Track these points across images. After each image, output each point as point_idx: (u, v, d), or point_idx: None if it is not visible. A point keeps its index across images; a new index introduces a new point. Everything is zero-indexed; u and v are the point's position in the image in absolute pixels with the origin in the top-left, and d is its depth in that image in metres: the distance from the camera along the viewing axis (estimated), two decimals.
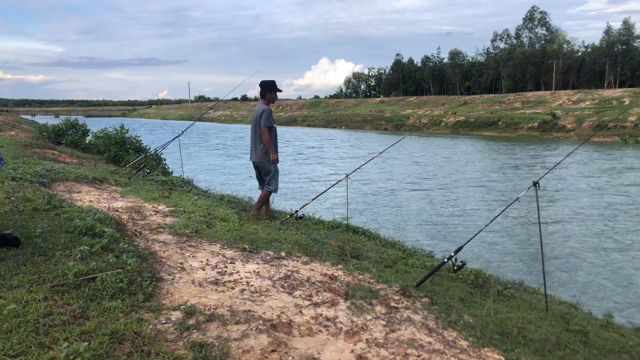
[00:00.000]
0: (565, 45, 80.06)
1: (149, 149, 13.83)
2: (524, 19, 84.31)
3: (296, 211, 6.59)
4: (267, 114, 6.13)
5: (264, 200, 6.52)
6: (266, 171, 6.36)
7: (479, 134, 54.36)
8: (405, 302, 3.70)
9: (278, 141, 6.43)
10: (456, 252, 4.33)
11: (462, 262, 4.31)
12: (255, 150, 6.33)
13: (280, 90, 6.40)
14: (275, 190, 6.42)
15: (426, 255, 6.67)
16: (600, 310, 6.58)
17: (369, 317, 3.23)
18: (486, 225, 4.73)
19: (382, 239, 7.24)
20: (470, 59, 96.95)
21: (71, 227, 4.00)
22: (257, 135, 6.23)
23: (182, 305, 2.91)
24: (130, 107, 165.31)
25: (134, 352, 2.26)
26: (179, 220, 5.22)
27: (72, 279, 2.91)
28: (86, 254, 3.35)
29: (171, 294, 3.10)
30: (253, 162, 6.44)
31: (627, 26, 72.81)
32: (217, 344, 2.50)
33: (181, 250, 4.12)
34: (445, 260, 4.43)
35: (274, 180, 6.38)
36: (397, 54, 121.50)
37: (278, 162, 6.31)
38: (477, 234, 4.77)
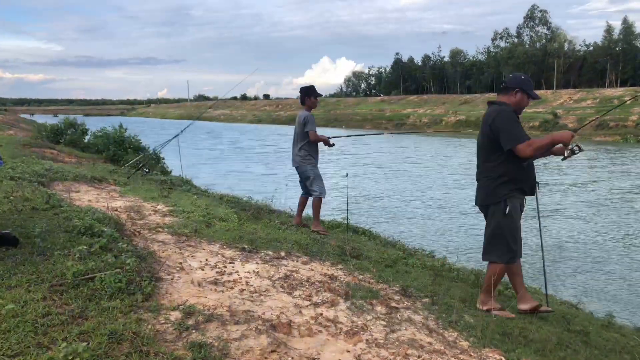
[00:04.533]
0: (566, 44, 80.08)
1: (148, 148, 13.81)
2: (524, 17, 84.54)
3: None
4: (311, 121, 6.00)
5: (318, 209, 6.25)
6: (305, 176, 6.17)
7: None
8: (406, 302, 3.68)
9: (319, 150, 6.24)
10: None
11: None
12: (294, 155, 6.20)
13: (320, 95, 6.25)
14: (322, 194, 6.16)
15: (426, 255, 6.66)
16: (601, 310, 6.56)
17: (369, 318, 3.21)
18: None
19: (383, 239, 7.22)
20: (471, 58, 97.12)
21: (70, 226, 3.99)
22: (298, 141, 6.12)
23: (181, 305, 2.90)
24: (129, 106, 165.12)
25: (132, 353, 2.24)
26: (178, 220, 5.21)
27: (70, 278, 2.89)
28: (85, 253, 3.33)
29: (170, 293, 3.09)
30: (296, 168, 6.29)
31: (627, 24, 72.87)
32: (216, 344, 2.48)
33: (180, 250, 4.11)
34: None
35: (316, 185, 6.12)
36: (397, 53, 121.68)
37: (330, 144, 6.05)
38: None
